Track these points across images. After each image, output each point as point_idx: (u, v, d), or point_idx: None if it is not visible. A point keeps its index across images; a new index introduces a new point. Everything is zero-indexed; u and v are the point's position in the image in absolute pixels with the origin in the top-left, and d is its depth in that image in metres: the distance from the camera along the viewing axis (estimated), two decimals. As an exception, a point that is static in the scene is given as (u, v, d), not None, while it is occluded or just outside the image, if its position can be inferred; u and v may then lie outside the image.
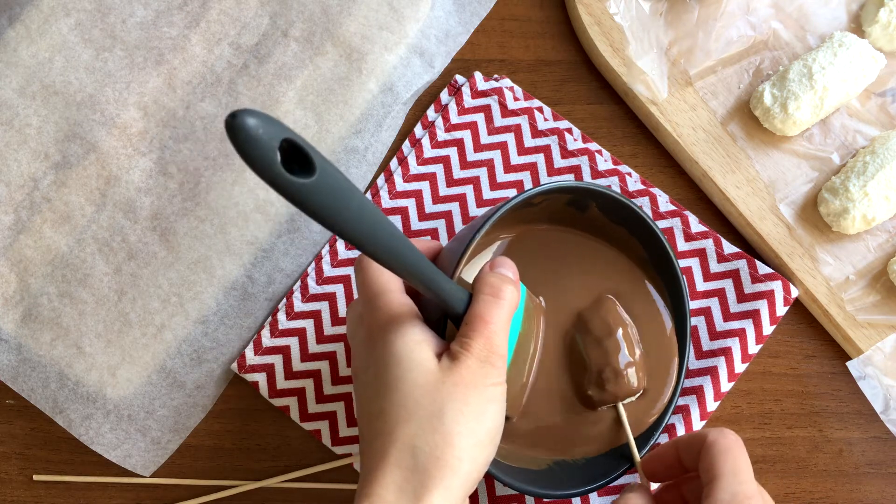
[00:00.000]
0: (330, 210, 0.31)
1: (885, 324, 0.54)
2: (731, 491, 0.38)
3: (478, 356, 0.38)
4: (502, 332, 0.40)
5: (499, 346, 0.39)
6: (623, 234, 0.51)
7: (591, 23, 0.57)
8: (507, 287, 0.41)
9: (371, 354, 0.40)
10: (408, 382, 0.38)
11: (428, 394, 0.37)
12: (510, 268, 0.43)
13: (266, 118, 0.28)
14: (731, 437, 0.40)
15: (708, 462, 0.39)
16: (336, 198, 0.31)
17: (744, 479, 0.39)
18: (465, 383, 0.38)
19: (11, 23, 0.57)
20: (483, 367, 0.38)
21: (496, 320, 0.39)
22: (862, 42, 0.55)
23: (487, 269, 0.42)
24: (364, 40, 0.57)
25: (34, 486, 0.55)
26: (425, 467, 0.36)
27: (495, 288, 0.40)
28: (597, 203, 0.50)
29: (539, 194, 0.47)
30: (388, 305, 0.41)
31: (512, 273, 0.42)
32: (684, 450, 0.42)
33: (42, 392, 0.54)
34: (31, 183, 0.56)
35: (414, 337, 0.39)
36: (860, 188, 0.53)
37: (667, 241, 0.50)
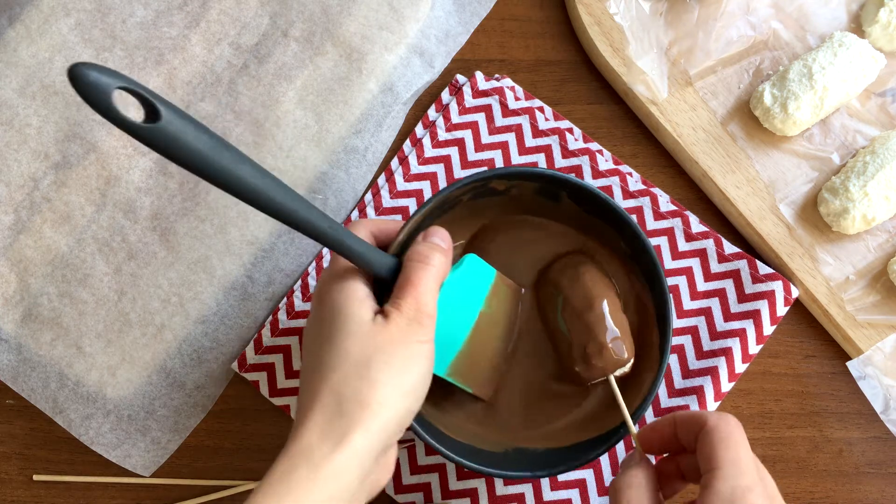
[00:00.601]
0: (178, 150, 0.35)
1: (885, 324, 0.54)
2: (731, 484, 0.37)
3: (406, 315, 0.41)
4: (430, 295, 0.42)
5: (426, 306, 0.41)
6: (598, 224, 0.51)
7: (591, 23, 0.57)
8: (435, 254, 0.43)
9: (318, 309, 0.43)
10: (343, 334, 0.40)
11: (359, 345, 0.40)
12: (442, 237, 0.45)
13: (103, 69, 0.33)
14: (732, 422, 0.39)
15: (708, 450, 0.39)
16: (183, 140, 0.35)
17: (743, 469, 0.38)
18: (393, 339, 0.40)
19: (11, 23, 0.57)
20: (410, 325, 0.40)
21: (424, 283, 0.42)
22: (862, 42, 0.55)
23: (420, 238, 0.45)
24: (364, 40, 0.57)
25: (34, 485, 0.55)
26: (349, 411, 0.38)
27: (423, 255, 0.43)
28: (566, 192, 0.50)
29: (495, 177, 0.49)
30: (337, 264, 0.43)
31: (443, 241, 0.44)
32: (682, 428, 0.42)
33: (42, 392, 0.54)
34: (31, 183, 0.56)
35: (356, 294, 0.41)
36: (860, 188, 0.53)
37: (633, 219, 0.49)
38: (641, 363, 0.50)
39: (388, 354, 0.39)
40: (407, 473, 0.54)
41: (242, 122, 0.56)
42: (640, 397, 0.49)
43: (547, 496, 0.53)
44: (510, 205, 0.52)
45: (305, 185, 0.56)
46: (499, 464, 0.48)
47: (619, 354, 0.49)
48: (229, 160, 0.36)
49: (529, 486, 0.54)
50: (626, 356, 0.49)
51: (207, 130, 0.36)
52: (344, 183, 0.56)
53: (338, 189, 0.56)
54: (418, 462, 0.54)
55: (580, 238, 0.52)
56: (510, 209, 0.52)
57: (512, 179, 0.50)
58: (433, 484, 0.54)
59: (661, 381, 0.48)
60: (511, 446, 0.50)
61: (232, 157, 0.36)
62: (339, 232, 0.41)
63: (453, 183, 0.48)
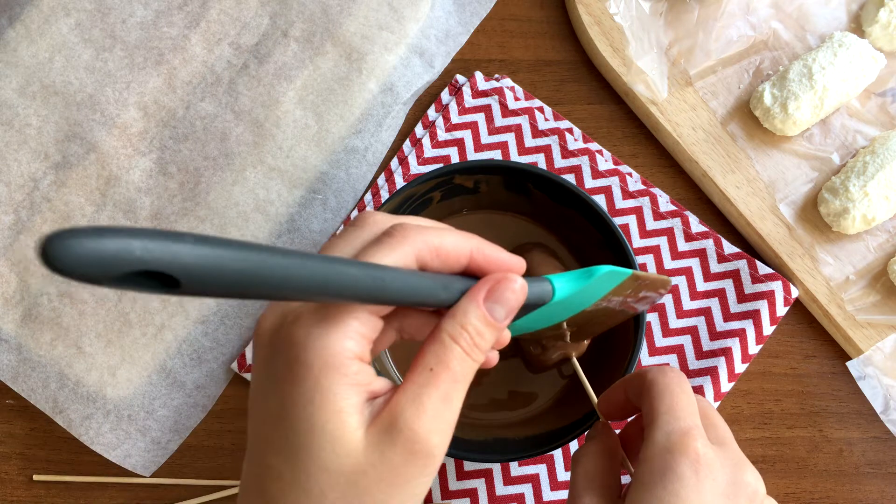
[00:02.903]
0: (211, 290, 0.24)
1: (885, 324, 0.54)
2: (665, 430, 0.34)
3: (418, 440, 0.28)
4: (460, 401, 0.30)
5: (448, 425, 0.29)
6: (571, 214, 0.51)
7: (591, 23, 0.57)
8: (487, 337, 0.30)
9: (277, 388, 0.29)
10: (316, 461, 0.28)
11: (338, 488, 0.28)
12: (513, 299, 0.31)
13: (110, 239, 0.21)
14: (670, 373, 0.37)
15: (647, 403, 0.36)
16: (214, 282, 0.24)
17: (679, 414, 0.35)
18: (390, 480, 0.28)
19: (11, 23, 0.57)
20: (422, 459, 0.29)
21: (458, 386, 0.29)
22: (862, 42, 0.55)
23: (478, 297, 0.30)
24: (364, 40, 0.57)
25: (34, 486, 0.55)
26: None
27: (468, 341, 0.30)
28: (532, 183, 0.51)
29: (455, 172, 0.49)
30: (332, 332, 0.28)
31: (508, 315, 0.31)
32: (630, 390, 0.39)
33: (42, 392, 0.54)
34: (31, 183, 0.56)
35: (337, 401, 0.28)
36: (860, 188, 0.53)
37: (594, 200, 0.49)
38: (617, 344, 0.50)
39: None
40: (407, 473, 0.54)
41: (242, 122, 0.56)
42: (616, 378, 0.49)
43: (547, 496, 0.53)
44: (483, 202, 0.52)
45: (305, 185, 0.56)
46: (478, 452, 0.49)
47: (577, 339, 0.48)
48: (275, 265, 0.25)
49: (529, 486, 0.54)
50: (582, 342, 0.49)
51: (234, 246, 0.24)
52: (344, 183, 0.56)
53: (338, 189, 0.56)
54: (418, 462, 0.54)
55: (546, 231, 0.53)
56: (483, 207, 0.53)
57: (474, 173, 0.51)
58: (433, 484, 0.54)
59: (636, 360, 0.48)
60: (492, 436, 0.50)
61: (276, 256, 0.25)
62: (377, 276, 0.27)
63: (411, 181, 0.49)
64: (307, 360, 0.28)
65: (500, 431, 0.51)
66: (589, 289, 0.37)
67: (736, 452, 0.36)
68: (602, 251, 0.51)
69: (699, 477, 0.33)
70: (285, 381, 0.29)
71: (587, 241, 0.52)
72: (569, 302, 0.37)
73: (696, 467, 0.33)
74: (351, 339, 0.28)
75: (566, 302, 0.37)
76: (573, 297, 0.37)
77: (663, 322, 0.55)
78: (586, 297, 0.38)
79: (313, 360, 0.28)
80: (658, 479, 0.33)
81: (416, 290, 0.28)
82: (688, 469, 0.33)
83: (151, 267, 0.22)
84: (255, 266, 0.24)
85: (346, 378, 0.28)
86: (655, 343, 0.55)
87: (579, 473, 0.38)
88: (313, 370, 0.28)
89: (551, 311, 0.37)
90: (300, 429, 0.28)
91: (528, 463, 0.54)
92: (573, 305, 0.38)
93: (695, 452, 0.34)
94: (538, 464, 0.54)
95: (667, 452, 0.34)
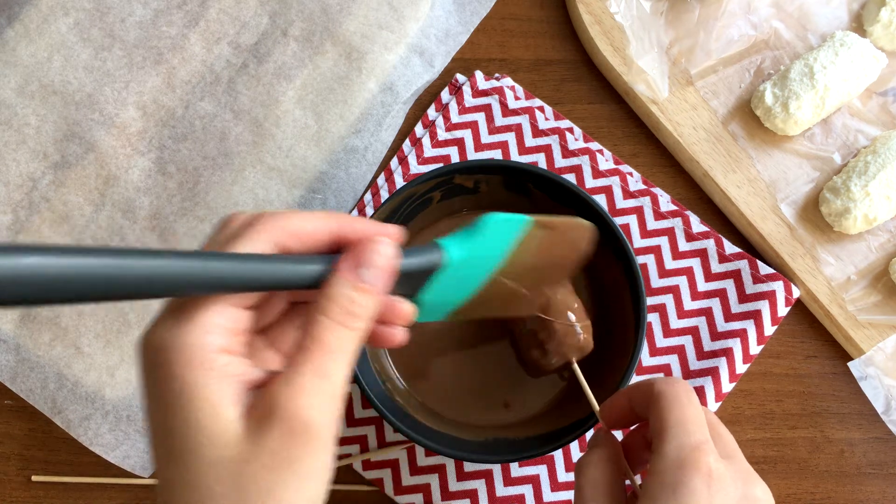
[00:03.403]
0: (46, 297, 0.25)
1: (886, 324, 0.54)
2: (676, 443, 0.35)
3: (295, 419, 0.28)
4: (340, 375, 0.29)
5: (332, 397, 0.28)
6: (572, 214, 0.50)
7: (592, 22, 0.57)
8: (363, 304, 0.29)
9: (155, 397, 0.29)
10: (199, 458, 0.28)
11: (225, 481, 0.27)
12: (384, 260, 0.30)
13: None
14: (679, 385, 0.37)
15: (655, 415, 0.36)
16: (45, 290, 0.25)
17: (690, 428, 0.35)
18: (274, 466, 0.28)
19: (10, 22, 0.56)
20: (301, 437, 0.28)
21: (331, 361, 0.28)
22: (863, 41, 0.55)
23: (342, 267, 0.29)
24: (364, 39, 0.57)
25: (33, 486, 0.55)
26: None
27: (341, 308, 0.29)
28: (531, 182, 0.50)
29: (455, 172, 0.49)
30: (184, 326, 0.28)
31: (382, 276, 0.30)
32: (635, 400, 0.39)
33: (41, 392, 0.54)
34: (29, 183, 0.55)
35: (208, 395, 0.28)
36: (861, 188, 0.53)
37: (595, 199, 0.49)
38: (617, 345, 0.50)
39: (272, 495, 0.27)
40: (406, 474, 0.54)
41: (242, 121, 0.56)
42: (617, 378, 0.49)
43: (547, 497, 0.53)
44: (483, 202, 0.52)
45: (305, 185, 0.56)
46: (477, 452, 0.48)
47: (578, 342, 0.48)
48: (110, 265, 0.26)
49: (529, 486, 0.53)
50: (585, 344, 0.48)
51: (66, 250, 0.25)
52: (344, 183, 0.56)
53: (337, 189, 0.56)
54: (418, 463, 0.54)
55: None
56: (483, 207, 0.52)
57: (474, 173, 0.50)
58: (433, 485, 0.54)
59: (637, 360, 0.48)
60: (492, 436, 0.50)
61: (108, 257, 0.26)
62: (212, 260, 0.28)
63: (412, 181, 0.49)
64: (170, 360, 0.28)
65: (500, 431, 0.51)
66: (488, 242, 0.36)
67: (745, 466, 0.36)
68: (602, 251, 0.51)
69: (711, 492, 0.33)
70: (159, 388, 0.28)
71: None
72: (476, 260, 0.36)
73: (708, 482, 0.34)
74: (211, 334, 0.28)
75: (473, 261, 0.36)
76: (477, 254, 0.36)
77: (664, 322, 0.55)
78: (493, 251, 0.37)
79: (176, 360, 0.28)
80: (670, 493, 0.34)
81: (276, 272, 0.28)
82: (700, 484, 0.33)
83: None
84: (85, 269, 0.25)
85: (214, 371, 0.28)
86: (656, 343, 0.55)
87: (585, 482, 0.38)
88: (178, 369, 0.28)
89: (464, 273, 0.36)
90: (179, 431, 0.28)
91: (528, 463, 0.54)
92: (485, 262, 0.37)
93: (707, 467, 0.34)
94: (538, 464, 0.54)
95: (678, 467, 0.34)
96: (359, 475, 0.54)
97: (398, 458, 0.54)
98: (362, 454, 0.54)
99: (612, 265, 0.50)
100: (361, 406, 0.54)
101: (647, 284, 0.55)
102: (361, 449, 0.54)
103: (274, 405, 0.28)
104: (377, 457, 0.54)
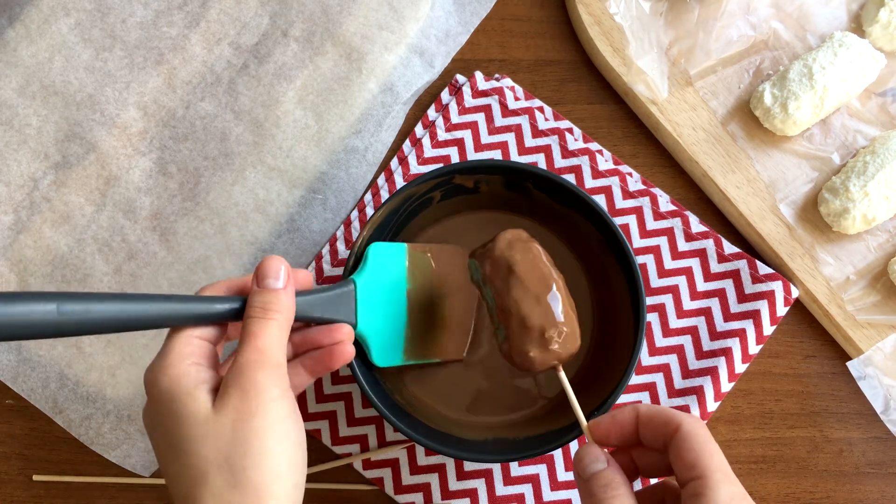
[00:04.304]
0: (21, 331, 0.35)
1: (885, 324, 0.54)
2: (728, 492, 0.36)
3: (244, 380, 0.37)
4: (275, 347, 0.38)
5: (271, 360, 0.38)
6: (571, 214, 0.51)
7: (592, 22, 0.57)
8: (273, 301, 0.40)
9: (153, 410, 0.38)
10: (190, 441, 0.36)
11: (213, 448, 0.36)
12: (275, 273, 0.41)
13: None
14: (703, 425, 0.38)
15: (690, 456, 0.37)
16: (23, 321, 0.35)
17: (731, 476, 0.37)
18: (241, 418, 0.36)
19: (11, 23, 0.57)
20: (252, 392, 0.37)
21: (266, 338, 0.38)
22: (862, 42, 0.55)
23: (252, 284, 0.41)
24: (364, 40, 0.57)
25: (34, 486, 0.55)
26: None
27: (259, 307, 0.39)
28: (531, 182, 0.51)
29: (455, 172, 0.50)
30: (164, 348, 0.39)
31: (277, 280, 0.41)
32: (647, 427, 0.39)
33: (42, 392, 0.54)
34: (30, 183, 0.56)
35: (183, 382, 0.37)
36: (860, 188, 0.53)
37: (595, 200, 0.49)
38: (617, 345, 0.50)
39: (244, 444, 0.36)
40: (406, 474, 0.54)
41: (242, 121, 0.56)
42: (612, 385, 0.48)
43: (547, 496, 0.53)
44: (483, 202, 0.52)
45: (305, 185, 0.56)
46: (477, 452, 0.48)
47: (576, 342, 0.45)
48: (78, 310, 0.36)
49: (529, 486, 0.54)
50: (579, 344, 0.46)
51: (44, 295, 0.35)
52: (344, 183, 0.56)
53: (338, 189, 0.56)
54: (418, 462, 0.54)
55: (546, 231, 0.53)
56: (483, 207, 0.53)
57: (474, 173, 0.51)
58: (433, 484, 0.54)
59: (636, 360, 0.48)
60: (492, 436, 0.50)
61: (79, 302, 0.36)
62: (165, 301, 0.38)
63: (412, 181, 0.49)
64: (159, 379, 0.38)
65: (500, 431, 0.51)
66: (383, 265, 0.48)
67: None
68: (602, 251, 0.51)
69: None
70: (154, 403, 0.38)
71: (587, 240, 0.52)
72: (384, 281, 0.47)
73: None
74: (184, 358, 0.38)
75: (381, 281, 0.47)
76: (381, 276, 0.47)
77: (663, 322, 0.55)
78: (394, 272, 0.48)
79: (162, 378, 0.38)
80: None
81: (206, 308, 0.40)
82: None
83: None
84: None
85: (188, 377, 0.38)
86: (656, 343, 0.55)
87: None
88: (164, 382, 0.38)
89: (384, 295, 0.47)
90: (171, 426, 0.37)
91: (528, 463, 0.54)
92: (394, 282, 0.48)
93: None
94: (538, 464, 0.54)
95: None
96: (359, 474, 0.55)
97: (398, 458, 0.54)
98: (362, 453, 0.54)
99: (611, 265, 0.50)
100: (361, 406, 0.55)
101: (647, 284, 0.55)
102: (362, 448, 0.54)
103: (229, 379, 0.37)
104: (377, 456, 0.54)
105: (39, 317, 0.35)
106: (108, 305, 0.37)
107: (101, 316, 0.36)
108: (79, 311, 0.36)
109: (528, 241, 0.47)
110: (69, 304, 0.35)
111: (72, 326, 0.36)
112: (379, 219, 0.50)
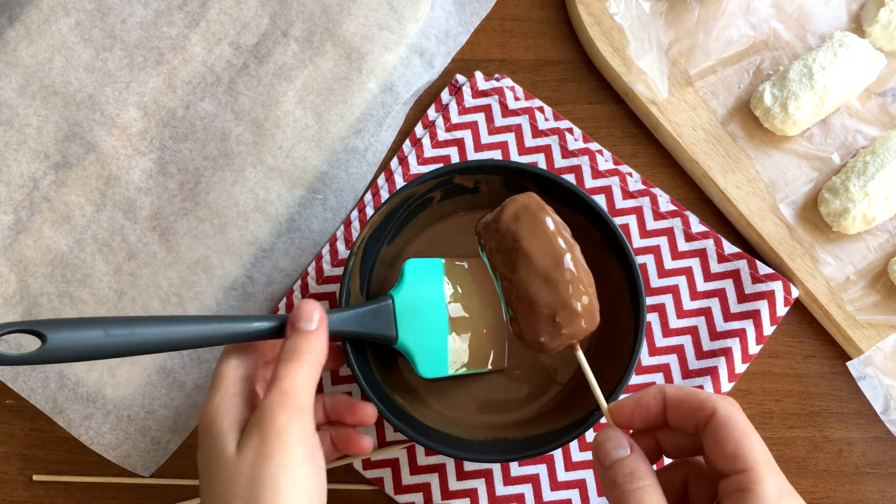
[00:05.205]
0: (75, 354, 0.38)
1: (885, 324, 0.54)
2: (775, 483, 0.35)
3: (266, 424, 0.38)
4: (304, 391, 0.40)
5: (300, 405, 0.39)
6: (571, 214, 0.50)
7: (592, 22, 0.57)
8: (304, 345, 0.41)
9: (199, 448, 0.41)
10: (217, 483, 0.38)
11: (233, 488, 0.37)
12: (308, 316, 0.42)
13: None
14: (740, 410, 0.36)
15: (730, 446, 0.35)
16: (77, 345, 0.38)
17: (777, 470, 0.35)
18: (259, 461, 0.37)
19: (11, 23, 0.57)
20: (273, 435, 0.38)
21: (294, 382, 0.40)
22: (862, 42, 0.55)
23: (288, 327, 0.42)
24: (364, 40, 0.57)
25: (34, 486, 0.55)
26: None
27: (291, 351, 0.41)
28: (531, 182, 0.51)
29: (455, 172, 0.50)
30: (211, 392, 0.41)
31: (310, 323, 0.42)
32: (675, 410, 0.38)
33: (42, 392, 0.54)
34: (30, 183, 0.56)
35: (219, 425, 0.39)
36: (860, 188, 0.53)
37: (594, 199, 0.49)
38: (617, 345, 0.50)
39: (267, 487, 0.37)
40: (406, 474, 0.54)
41: (242, 121, 0.56)
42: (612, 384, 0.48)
43: (547, 496, 0.53)
44: (483, 202, 0.52)
45: (305, 185, 0.56)
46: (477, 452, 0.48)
47: (593, 320, 0.44)
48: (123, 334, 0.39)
49: (529, 486, 0.54)
50: (595, 323, 0.44)
51: (92, 321, 0.39)
52: (344, 183, 0.56)
53: (338, 189, 0.56)
54: (418, 462, 0.54)
55: None
56: (483, 207, 0.53)
57: (474, 173, 0.51)
58: (433, 484, 0.54)
59: (636, 360, 0.47)
60: (492, 436, 0.50)
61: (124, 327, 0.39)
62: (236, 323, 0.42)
63: (412, 181, 0.50)
64: (202, 416, 0.41)
65: (500, 431, 0.51)
66: (422, 278, 0.49)
67: None
68: (602, 251, 0.51)
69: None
70: (200, 447, 0.40)
71: (587, 241, 0.51)
72: (423, 293, 0.49)
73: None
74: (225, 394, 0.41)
75: (420, 294, 0.49)
76: (419, 288, 0.49)
77: (663, 322, 0.55)
78: (432, 284, 0.49)
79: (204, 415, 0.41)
80: None
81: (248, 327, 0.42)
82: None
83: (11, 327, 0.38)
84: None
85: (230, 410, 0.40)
86: (656, 343, 0.55)
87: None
88: (204, 420, 0.41)
89: (423, 308, 0.49)
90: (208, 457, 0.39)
91: (528, 463, 0.54)
92: (433, 294, 0.49)
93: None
94: (538, 464, 0.54)
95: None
96: (359, 474, 0.55)
97: (398, 458, 0.54)
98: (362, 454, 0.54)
99: (611, 265, 0.50)
100: (362, 406, 0.55)
101: (647, 284, 0.55)
102: (362, 448, 0.54)
103: (252, 421, 0.39)
104: (377, 456, 0.54)
105: (91, 342, 0.38)
106: (150, 329, 0.40)
107: (144, 339, 0.40)
108: (124, 334, 0.39)
109: (537, 212, 0.44)
110: (115, 329, 0.39)
111: (118, 349, 0.39)
112: (379, 219, 0.50)
